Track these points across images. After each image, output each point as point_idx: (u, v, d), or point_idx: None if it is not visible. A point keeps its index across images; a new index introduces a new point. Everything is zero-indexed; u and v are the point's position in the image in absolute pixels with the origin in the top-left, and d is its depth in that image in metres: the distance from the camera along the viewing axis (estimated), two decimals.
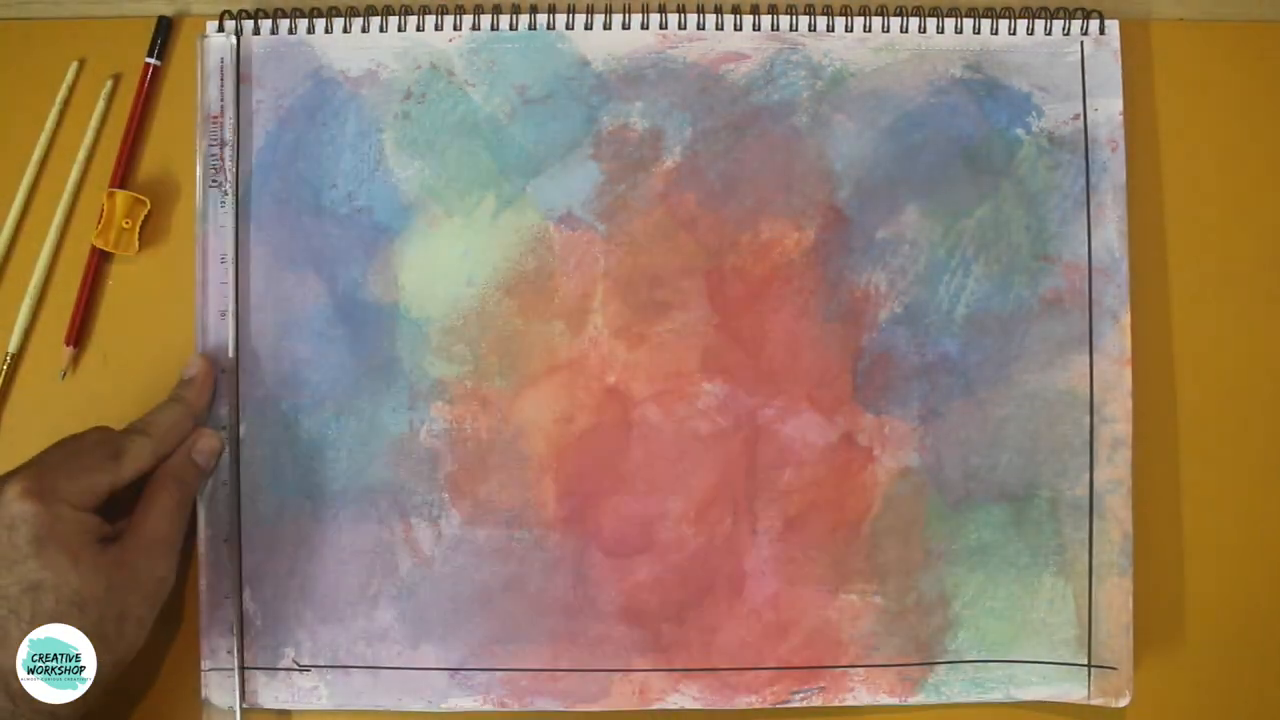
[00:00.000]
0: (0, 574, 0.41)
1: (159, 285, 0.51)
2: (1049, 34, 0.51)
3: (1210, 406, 0.52)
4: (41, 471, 0.43)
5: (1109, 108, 0.51)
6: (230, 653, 0.49)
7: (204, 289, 0.50)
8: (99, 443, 0.45)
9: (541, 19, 0.51)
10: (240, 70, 0.51)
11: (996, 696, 0.50)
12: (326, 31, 0.51)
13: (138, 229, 0.51)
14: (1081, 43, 0.51)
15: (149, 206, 0.51)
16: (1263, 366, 0.52)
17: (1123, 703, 0.49)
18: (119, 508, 0.45)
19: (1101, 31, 0.51)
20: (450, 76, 0.51)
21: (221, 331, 0.50)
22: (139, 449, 0.45)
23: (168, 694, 0.50)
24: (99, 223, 0.51)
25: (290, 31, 0.51)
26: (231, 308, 0.50)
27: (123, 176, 0.51)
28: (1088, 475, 0.50)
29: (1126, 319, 0.50)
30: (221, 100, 0.50)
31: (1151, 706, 0.50)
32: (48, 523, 0.41)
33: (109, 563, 0.42)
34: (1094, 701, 0.49)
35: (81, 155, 0.52)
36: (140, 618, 0.44)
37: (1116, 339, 0.50)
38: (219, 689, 0.49)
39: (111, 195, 0.51)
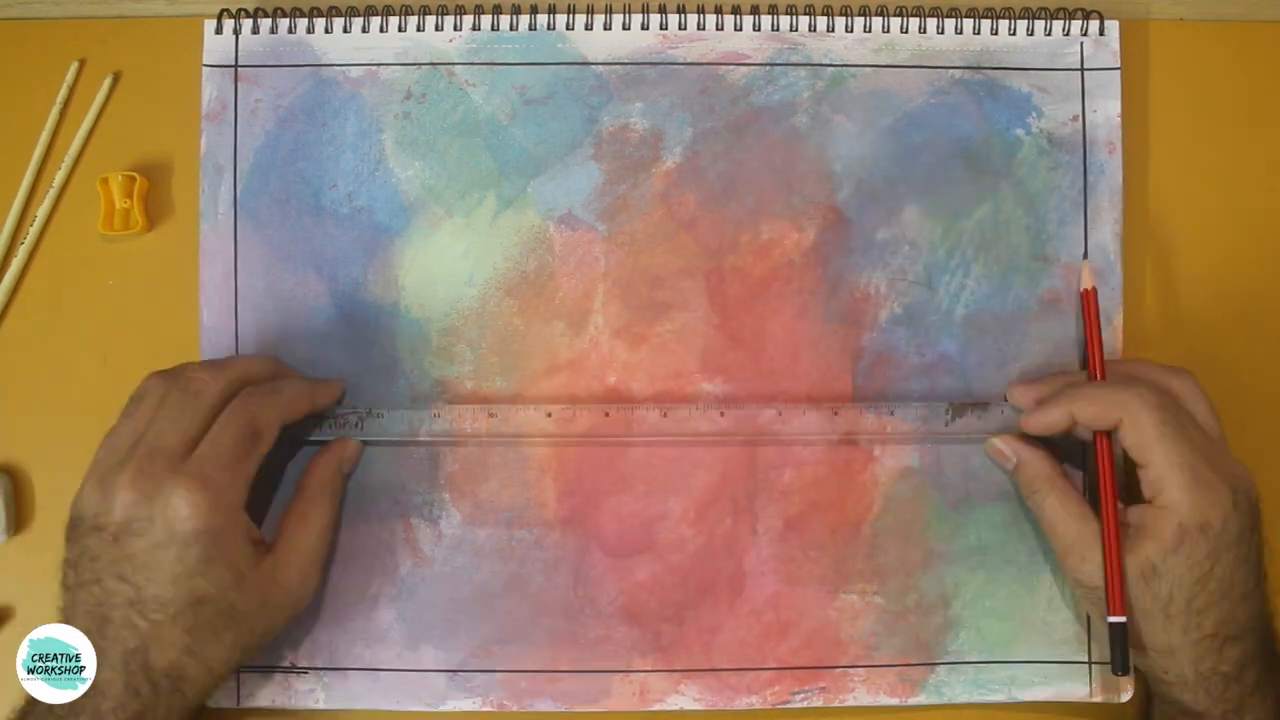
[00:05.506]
0: (169, 587, 0.41)
1: (159, 286, 0.51)
2: (1049, 34, 0.51)
3: None
4: (203, 474, 0.42)
5: (1108, 109, 0.51)
6: None
7: (205, 290, 0.50)
8: (232, 422, 0.43)
9: (541, 19, 0.51)
10: (239, 70, 0.51)
11: (999, 697, 0.49)
12: (326, 31, 0.51)
13: (139, 205, 0.51)
14: (1081, 43, 0.51)
15: (143, 182, 0.51)
16: (1261, 368, 0.52)
17: (1125, 697, 0.49)
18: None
19: (1101, 32, 0.51)
20: (450, 76, 0.51)
21: (222, 332, 0.50)
22: (270, 416, 0.44)
23: None
24: (101, 213, 0.51)
25: (290, 31, 0.51)
26: (232, 308, 0.50)
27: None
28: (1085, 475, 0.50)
29: (1119, 321, 0.50)
30: (221, 100, 0.50)
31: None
32: (216, 537, 0.42)
33: (264, 579, 0.44)
34: (1096, 698, 0.49)
35: (81, 155, 0.52)
36: (278, 630, 0.45)
37: (1110, 341, 0.50)
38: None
39: (105, 181, 0.51)
